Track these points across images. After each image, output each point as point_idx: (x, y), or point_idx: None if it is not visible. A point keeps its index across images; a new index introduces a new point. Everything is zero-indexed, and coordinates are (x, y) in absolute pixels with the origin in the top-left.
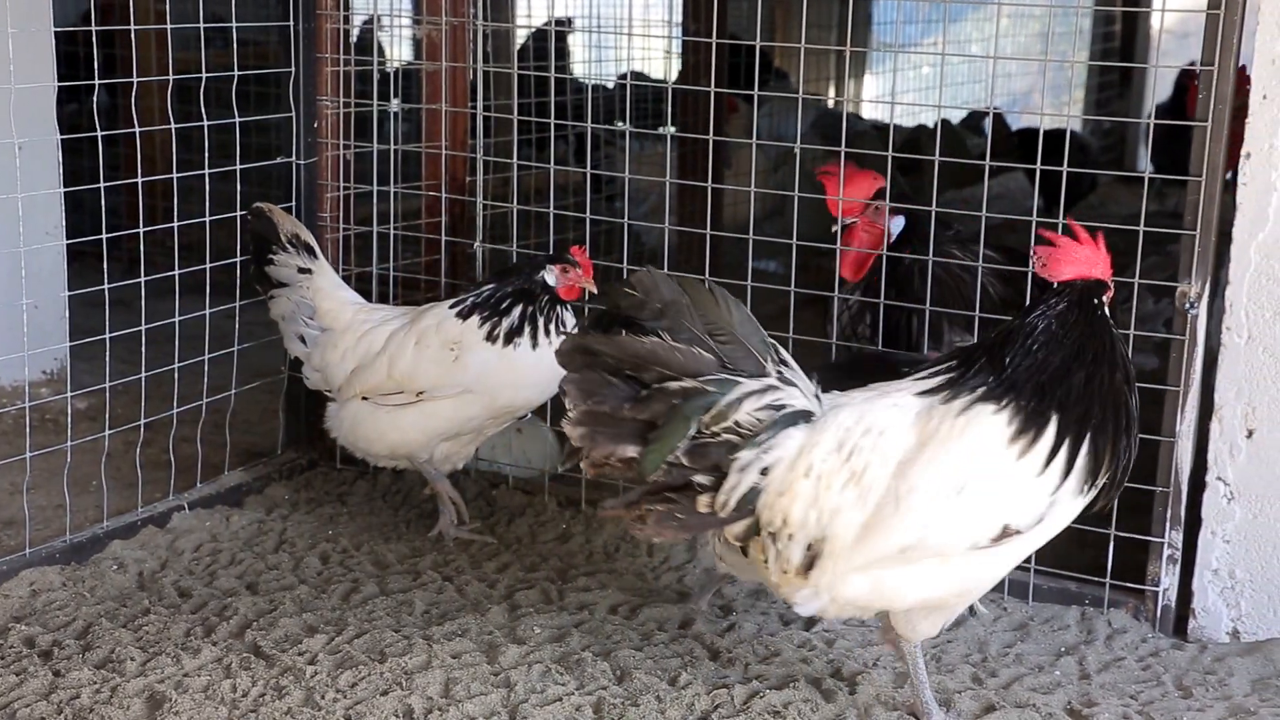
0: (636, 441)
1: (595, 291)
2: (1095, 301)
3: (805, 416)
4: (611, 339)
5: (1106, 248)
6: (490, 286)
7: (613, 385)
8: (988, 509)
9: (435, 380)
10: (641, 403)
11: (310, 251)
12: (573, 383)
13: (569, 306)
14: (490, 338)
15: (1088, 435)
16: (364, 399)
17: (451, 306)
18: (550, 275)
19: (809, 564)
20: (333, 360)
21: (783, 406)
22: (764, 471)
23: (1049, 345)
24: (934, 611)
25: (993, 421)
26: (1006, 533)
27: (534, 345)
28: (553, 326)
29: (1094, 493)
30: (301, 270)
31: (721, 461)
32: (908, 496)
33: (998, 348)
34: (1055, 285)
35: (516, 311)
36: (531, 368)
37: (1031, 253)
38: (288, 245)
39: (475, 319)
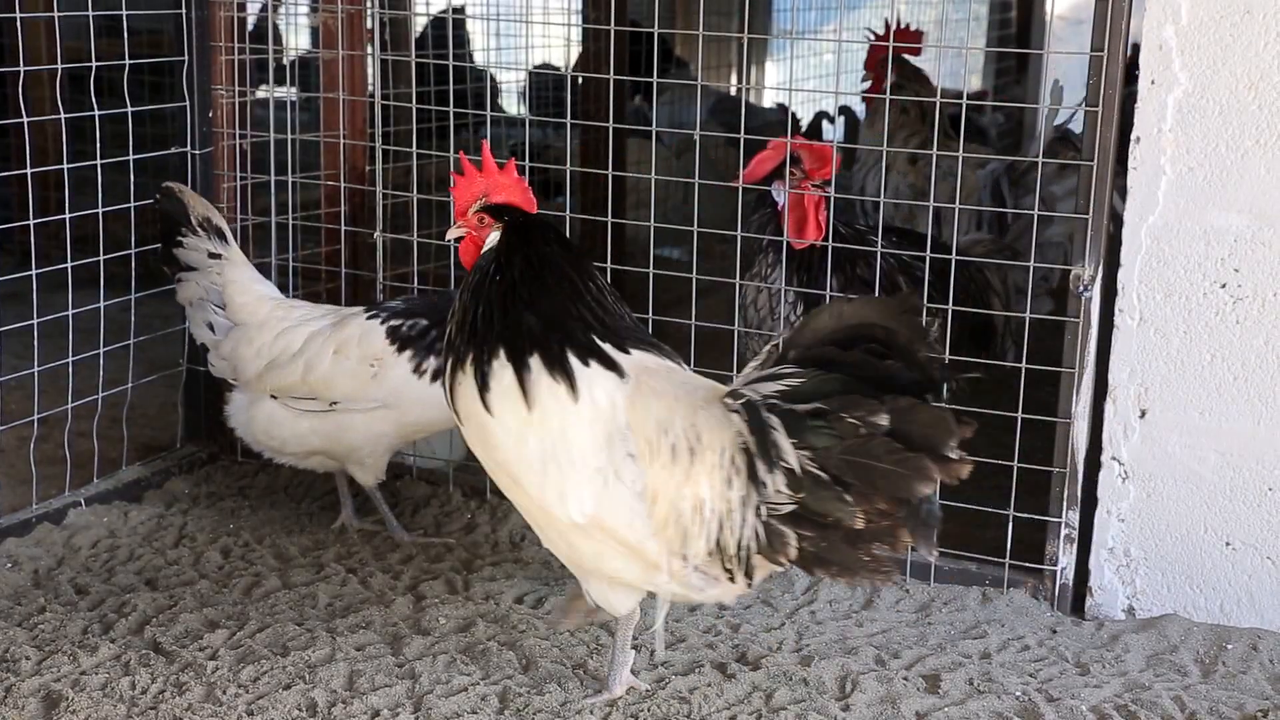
0: None
1: None
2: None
3: None
4: None
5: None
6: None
7: None
8: None
9: (350, 393)
10: None
11: (221, 236)
12: None
13: None
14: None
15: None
16: (273, 397)
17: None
18: None
19: None
20: (246, 355)
21: None
22: None
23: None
24: None
25: None
26: None
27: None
28: None
29: None
30: (212, 255)
31: None
32: None
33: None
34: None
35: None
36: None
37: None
38: (198, 228)
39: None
